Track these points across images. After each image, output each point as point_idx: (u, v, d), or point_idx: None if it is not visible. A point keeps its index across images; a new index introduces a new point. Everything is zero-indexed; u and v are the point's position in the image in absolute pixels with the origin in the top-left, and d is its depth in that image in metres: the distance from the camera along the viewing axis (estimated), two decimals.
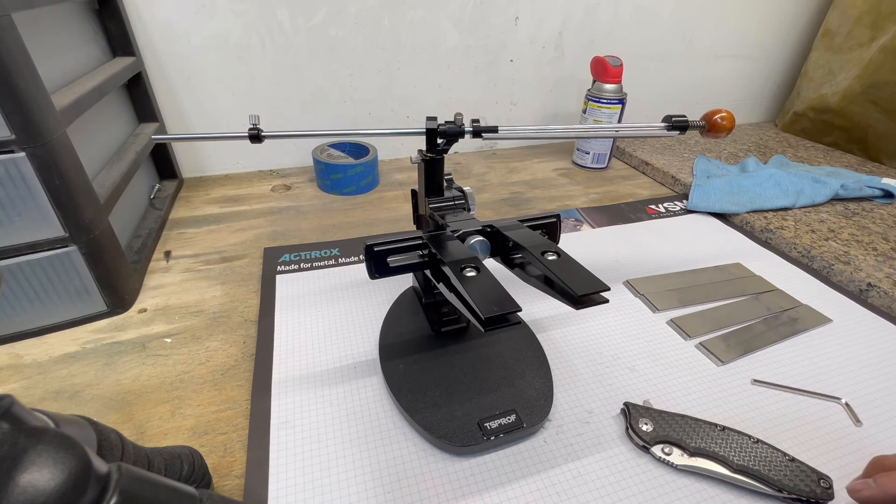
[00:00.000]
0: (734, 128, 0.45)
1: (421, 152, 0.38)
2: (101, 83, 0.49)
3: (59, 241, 0.41)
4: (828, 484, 0.31)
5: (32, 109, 0.36)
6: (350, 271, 0.53)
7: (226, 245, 0.58)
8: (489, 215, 0.67)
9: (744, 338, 0.45)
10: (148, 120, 0.66)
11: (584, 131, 0.50)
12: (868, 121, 0.85)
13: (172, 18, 0.65)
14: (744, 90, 1.05)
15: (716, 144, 0.91)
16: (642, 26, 0.88)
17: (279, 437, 0.35)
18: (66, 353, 0.42)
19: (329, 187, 0.72)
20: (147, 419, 0.36)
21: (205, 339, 0.44)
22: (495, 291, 0.27)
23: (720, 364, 0.42)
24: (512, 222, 0.36)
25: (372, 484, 0.32)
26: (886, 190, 0.69)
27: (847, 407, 0.38)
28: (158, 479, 0.20)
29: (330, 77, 0.75)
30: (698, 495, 0.31)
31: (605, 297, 0.28)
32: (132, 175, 0.54)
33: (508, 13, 0.79)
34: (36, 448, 0.16)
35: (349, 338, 0.44)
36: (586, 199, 0.72)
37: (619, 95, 0.76)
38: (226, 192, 0.72)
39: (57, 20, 0.47)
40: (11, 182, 0.37)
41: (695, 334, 0.45)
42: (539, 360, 0.40)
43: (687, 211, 0.68)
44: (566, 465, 0.33)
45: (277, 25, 0.69)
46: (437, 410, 0.35)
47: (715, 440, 0.33)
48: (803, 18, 0.99)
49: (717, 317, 0.47)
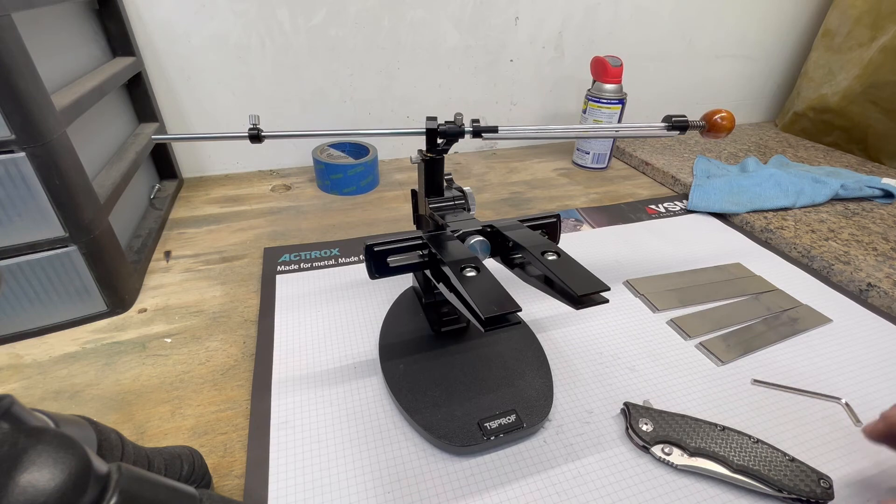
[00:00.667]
0: (734, 128, 0.45)
1: (421, 152, 0.38)
2: (101, 83, 0.49)
3: (59, 241, 0.41)
4: (828, 484, 0.31)
5: (32, 109, 0.36)
6: (350, 271, 0.53)
7: (226, 245, 0.58)
8: (489, 215, 0.67)
9: (744, 338, 0.45)
10: (148, 120, 0.66)
11: (584, 131, 0.50)
12: (868, 121, 0.85)
13: (172, 18, 0.65)
14: (744, 90, 1.05)
15: (716, 144, 0.91)
16: (642, 26, 0.88)
17: (279, 437, 0.35)
18: (66, 353, 0.42)
19: (329, 187, 0.72)
20: (147, 419, 0.36)
21: (205, 339, 0.44)
22: (495, 291, 0.27)
23: (720, 364, 0.42)
24: (512, 222, 0.36)
25: (372, 484, 0.32)
26: (886, 190, 0.69)
27: (847, 407, 0.38)
28: (158, 479, 0.20)
29: (330, 77, 0.75)
30: (698, 495, 0.31)
31: (605, 297, 0.28)
32: (132, 175, 0.54)
33: (508, 13, 0.79)
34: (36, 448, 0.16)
35: (349, 338, 0.44)
36: (586, 199, 0.72)
37: (619, 95, 0.76)
38: (226, 192, 0.72)
39: (57, 20, 0.47)
40: (11, 182, 0.37)
41: (695, 334, 0.45)
42: (539, 360, 0.40)
43: (687, 211, 0.68)
44: (566, 465, 0.33)
45: (277, 25, 0.69)
46: (437, 410, 0.35)
47: (715, 440, 0.33)
48: (803, 18, 0.99)
49: (717, 317, 0.47)
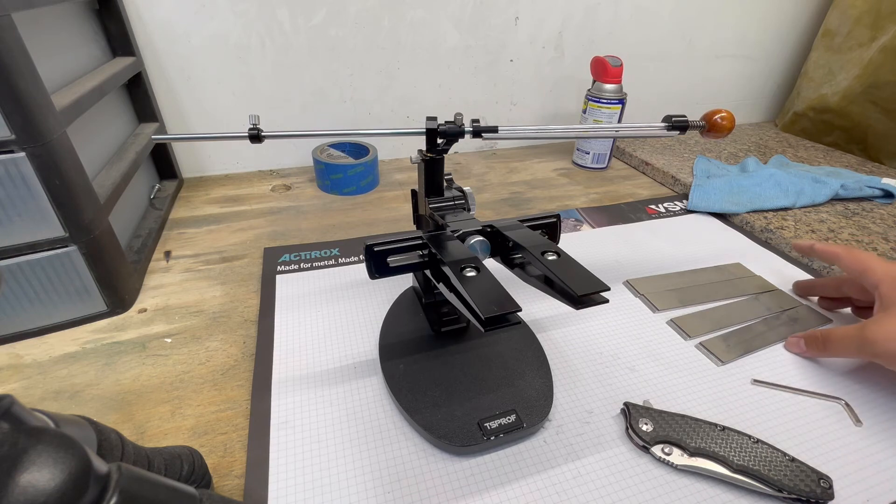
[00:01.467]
0: (734, 128, 0.45)
1: (421, 152, 0.38)
2: (101, 83, 0.49)
3: (59, 241, 0.41)
4: (828, 484, 0.31)
5: (32, 109, 0.36)
6: (350, 271, 0.53)
7: (226, 245, 0.58)
8: (489, 215, 0.67)
9: (744, 338, 0.45)
10: (148, 120, 0.66)
11: (584, 131, 0.50)
12: (868, 121, 0.85)
13: (172, 18, 0.65)
14: (744, 90, 1.05)
15: (716, 144, 0.91)
16: (642, 26, 0.88)
17: (279, 437, 0.35)
18: (66, 353, 0.42)
19: (329, 187, 0.72)
20: (147, 419, 0.36)
21: (205, 339, 0.44)
22: (495, 291, 0.27)
23: (720, 364, 0.42)
24: (512, 222, 0.36)
25: (372, 484, 0.32)
26: (886, 190, 0.69)
27: (847, 407, 0.38)
28: (158, 479, 0.20)
29: (330, 77, 0.75)
30: (698, 495, 0.31)
31: (605, 297, 0.28)
32: (132, 175, 0.54)
33: (508, 13, 0.79)
34: (36, 448, 0.16)
35: (349, 338, 0.44)
36: (586, 199, 0.72)
37: (619, 95, 0.76)
38: (226, 192, 0.72)
39: (57, 20, 0.47)
40: (11, 182, 0.37)
41: (695, 334, 0.45)
42: (539, 360, 0.40)
43: (687, 211, 0.68)
44: (566, 465, 0.33)
45: (277, 25, 0.69)
46: (437, 410, 0.35)
47: (715, 440, 0.33)
48: (803, 18, 0.99)
49: (717, 317, 0.47)
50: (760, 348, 0.43)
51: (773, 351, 0.43)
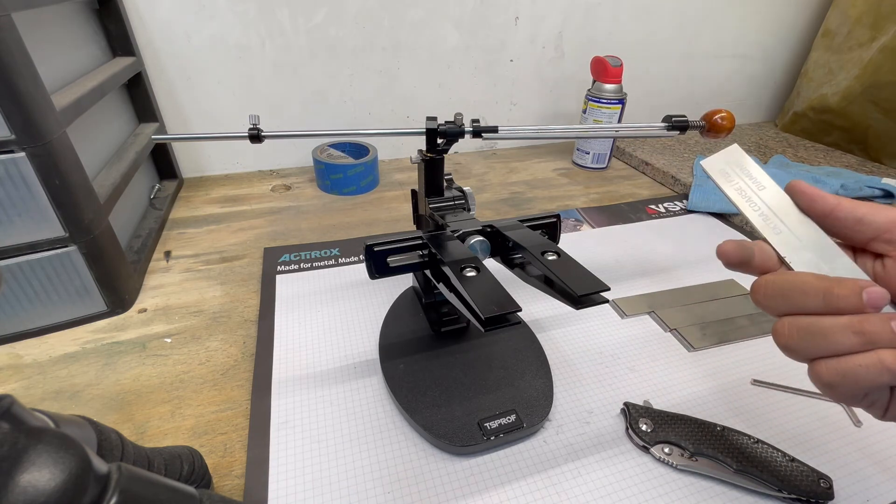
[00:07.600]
0: (734, 128, 0.45)
1: (421, 152, 0.38)
2: (101, 83, 0.49)
3: (59, 241, 0.41)
4: (828, 484, 0.31)
5: (32, 109, 0.36)
6: (350, 271, 0.53)
7: (226, 245, 0.58)
8: (489, 215, 0.67)
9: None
10: (148, 120, 0.66)
11: (584, 131, 0.50)
12: (868, 121, 0.85)
13: (172, 18, 0.65)
14: (744, 90, 1.05)
15: (716, 144, 0.91)
16: (642, 26, 0.88)
17: (279, 437, 0.35)
18: (66, 353, 0.42)
19: (329, 187, 0.72)
20: (147, 419, 0.36)
21: (205, 339, 0.44)
22: (495, 291, 0.27)
23: (720, 364, 0.42)
24: (512, 222, 0.36)
25: (372, 484, 0.32)
26: (886, 190, 0.69)
27: (847, 407, 0.38)
28: (158, 479, 0.20)
29: (330, 77, 0.75)
30: (698, 495, 0.31)
31: (605, 297, 0.28)
32: (132, 175, 0.54)
33: (508, 13, 0.79)
34: (36, 448, 0.16)
35: (349, 338, 0.44)
36: (586, 199, 0.72)
37: (619, 95, 0.76)
38: (226, 192, 0.72)
39: (57, 20, 0.47)
40: (11, 182, 0.37)
41: (694, 338, 0.45)
42: (539, 360, 0.40)
43: (687, 211, 0.68)
44: (566, 464, 0.33)
45: (277, 25, 0.69)
46: (437, 410, 0.35)
47: (715, 440, 0.33)
48: (803, 18, 0.99)
49: (716, 317, 0.47)
50: (761, 349, 0.43)
51: (773, 351, 0.43)
